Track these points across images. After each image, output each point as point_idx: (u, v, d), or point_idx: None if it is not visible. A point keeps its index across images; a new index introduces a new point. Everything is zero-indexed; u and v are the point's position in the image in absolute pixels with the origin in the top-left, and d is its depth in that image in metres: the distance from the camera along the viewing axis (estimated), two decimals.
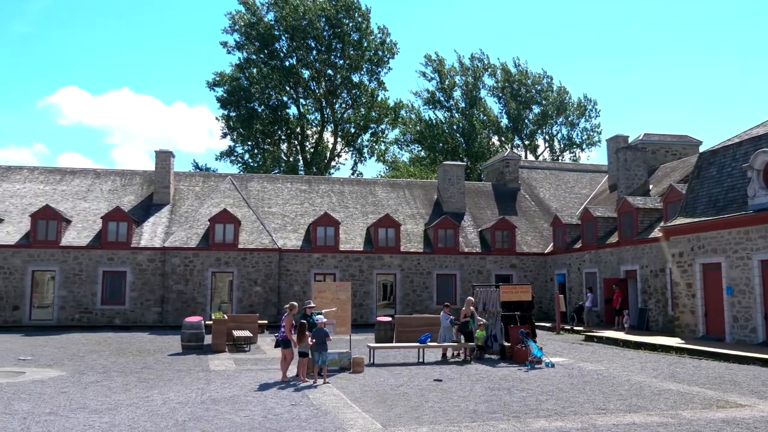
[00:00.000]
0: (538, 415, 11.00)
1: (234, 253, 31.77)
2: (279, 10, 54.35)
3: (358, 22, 55.61)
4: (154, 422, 10.35)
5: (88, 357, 19.17)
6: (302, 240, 33.56)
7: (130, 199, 34.74)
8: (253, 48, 54.83)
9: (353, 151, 59.48)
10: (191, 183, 37.07)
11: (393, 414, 11.12)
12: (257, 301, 31.67)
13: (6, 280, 30.29)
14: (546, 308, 34.71)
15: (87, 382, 14.39)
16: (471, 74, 63.78)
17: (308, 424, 10.29)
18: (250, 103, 54.84)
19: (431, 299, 33.87)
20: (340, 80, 56.42)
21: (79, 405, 11.74)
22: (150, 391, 13.22)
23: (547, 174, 43.79)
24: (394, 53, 57.90)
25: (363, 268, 33.56)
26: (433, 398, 12.60)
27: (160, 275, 31.57)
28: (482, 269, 34.72)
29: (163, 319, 31.08)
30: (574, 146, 65.53)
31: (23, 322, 30.12)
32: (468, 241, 35.41)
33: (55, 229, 30.88)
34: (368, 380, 14.91)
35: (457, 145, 61.05)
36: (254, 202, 35.61)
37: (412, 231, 35.45)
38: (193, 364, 17.64)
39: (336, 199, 37.36)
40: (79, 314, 30.69)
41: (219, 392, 13.17)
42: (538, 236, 36.85)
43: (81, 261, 31.01)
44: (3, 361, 18.24)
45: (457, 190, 37.93)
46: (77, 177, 36.13)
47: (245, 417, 10.77)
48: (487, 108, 64.24)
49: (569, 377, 15.36)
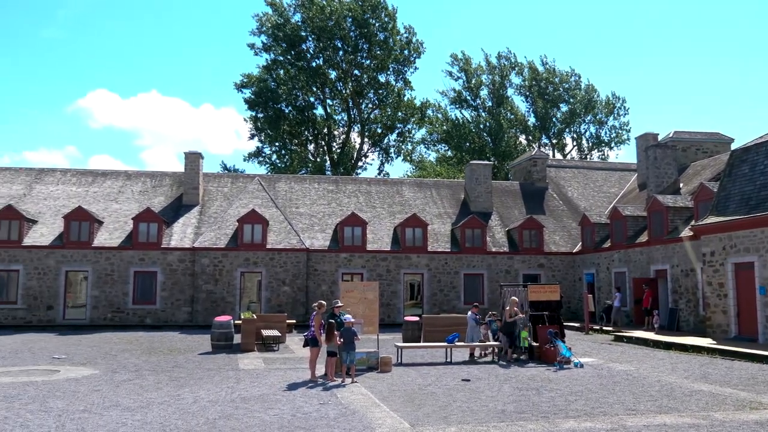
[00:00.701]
0: (567, 416, 10.92)
1: (262, 253, 32.06)
2: (306, 11, 54.66)
3: (384, 22, 55.68)
4: (186, 420, 10.50)
5: (120, 356, 19.51)
6: (330, 240, 33.73)
7: (160, 200, 35.27)
8: (280, 49, 55.23)
9: (380, 151, 59.58)
10: (220, 184, 37.50)
11: (421, 413, 11.13)
12: (285, 301, 31.92)
13: (40, 280, 30.97)
14: (574, 308, 34.39)
15: (119, 381, 14.63)
16: (498, 73, 63.42)
17: (337, 423, 10.36)
18: (278, 104, 55.25)
19: (458, 299, 33.78)
20: (367, 80, 56.53)
21: (112, 403, 11.95)
22: (181, 390, 13.41)
23: (575, 173, 43.38)
24: (420, 53, 57.84)
25: (390, 268, 33.61)
26: (461, 398, 12.58)
27: (190, 275, 31.99)
28: (510, 269, 34.53)
29: (193, 319, 31.49)
30: (602, 145, 64.77)
31: (57, 321, 30.76)
32: (495, 240, 35.24)
33: (87, 230, 31.49)
34: (396, 380, 14.94)
35: (483, 145, 60.75)
36: (282, 203, 35.89)
37: (439, 231, 35.39)
38: (223, 363, 17.84)
39: (363, 199, 37.47)
40: (112, 314, 31.25)
41: (248, 391, 13.31)
42: (566, 235, 36.52)
43: (113, 261, 31.57)
44: (38, 359, 18.66)
45: (484, 190, 37.77)
46: (109, 179, 36.79)
47: (274, 415, 10.88)
48: (514, 107, 63.82)
49: (598, 377, 15.22)
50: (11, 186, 34.96)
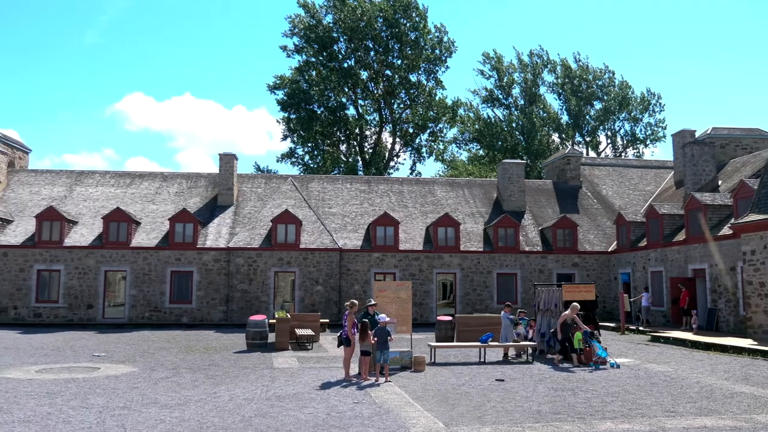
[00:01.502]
0: (604, 417, 10.78)
1: (296, 252, 32.32)
2: (337, 13, 54.92)
3: (415, 22, 55.62)
4: (222, 418, 10.62)
5: (158, 354, 19.84)
6: (362, 240, 33.84)
7: (195, 201, 35.80)
8: (312, 51, 55.57)
9: (412, 150, 59.53)
10: (254, 184, 37.90)
11: (455, 413, 11.10)
12: (318, 300, 32.12)
13: (81, 279, 31.70)
14: (610, 308, 33.92)
15: (157, 378, 14.88)
16: (530, 71, 62.88)
17: (371, 422, 10.38)
18: (310, 105, 55.61)
19: (491, 299, 33.59)
20: (398, 80, 56.54)
21: (151, 400, 12.15)
22: (217, 388, 13.59)
23: (610, 171, 42.77)
24: (451, 52, 57.65)
25: (423, 268, 33.57)
26: (495, 398, 12.51)
27: (225, 275, 32.41)
28: (543, 268, 34.21)
29: (228, 318, 31.89)
30: (637, 142, 63.73)
31: (97, 320, 31.46)
32: (528, 239, 34.94)
33: (125, 230, 32.14)
34: (429, 379, 14.92)
35: (516, 143, 60.28)
36: (315, 203, 36.12)
37: (472, 230, 35.23)
38: (258, 362, 18.03)
39: (395, 198, 37.49)
40: (149, 313, 31.83)
41: (283, 389, 13.42)
42: (601, 234, 36.02)
43: (150, 261, 32.15)
44: (79, 357, 19.09)
45: (517, 189, 37.48)
46: (146, 180, 37.49)
47: (309, 414, 10.94)
48: (547, 105, 63.21)
49: (635, 378, 14.99)
50: (52, 188, 35.88)
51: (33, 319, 31.10)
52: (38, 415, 10.74)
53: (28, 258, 31.54)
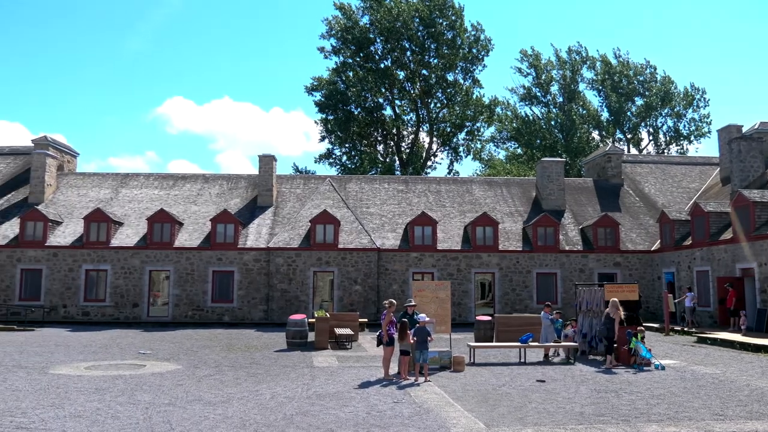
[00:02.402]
0: (650, 420, 10.58)
1: (334, 252, 32.51)
2: (374, 14, 55.06)
3: (451, 21, 55.39)
4: (264, 415, 10.76)
5: (201, 352, 20.20)
6: (400, 239, 33.86)
7: (236, 201, 36.32)
8: (349, 52, 55.83)
9: (449, 150, 59.30)
10: (292, 185, 38.26)
11: (496, 414, 11.04)
12: (357, 300, 32.26)
13: (126, 279, 32.47)
14: (653, 308, 33.23)
15: (201, 376, 15.14)
16: (569, 68, 62.02)
17: (411, 421, 10.39)
18: (347, 106, 55.88)
19: (531, 298, 33.25)
20: (435, 80, 56.38)
21: (195, 397, 12.37)
22: (259, 386, 13.76)
23: (653, 168, 41.89)
24: (488, 50, 57.24)
25: (461, 267, 33.43)
26: (536, 399, 12.40)
27: (265, 275, 32.79)
28: (584, 268, 33.71)
29: (268, 317, 32.26)
30: (681, 138, 62.24)
31: (142, 318, 32.17)
32: (569, 239, 34.48)
33: (169, 231, 32.80)
34: (469, 379, 14.86)
35: (555, 141, 59.51)
36: (353, 203, 36.28)
37: (511, 229, 34.93)
38: (298, 361, 18.20)
39: (433, 198, 37.42)
40: (192, 311, 32.42)
41: (323, 388, 13.52)
42: (644, 233, 35.32)
43: (193, 261, 32.74)
44: (125, 354, 19.56)
45: (556, 187, 37.01)
46: (188, 182, 38.19)
47: (349, 413, 11.01)
48: (587, 102, 62.25)
49: (681, 380, 14.67)
50: (99, 190, 36.85)
51: (81, 318, 31.99)
52: (88, 410, 11.04)
53: (76, 258, 32.45)
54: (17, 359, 18.00)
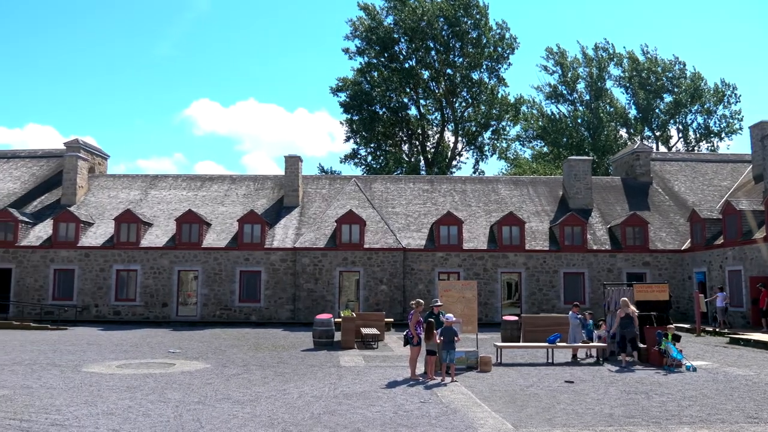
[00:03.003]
0: (681, 422, 10.43)
1: (360, 252, 32.59)
2: (398, 14, 55.06)
3: (476, 20, 55.14)
4: (292, 414, 10.84)
5: (229, 351, 20.41)
6: (426, 239, 33.82)
7: (262, 202, 36.61)
8: (374, 52, 55.91)
9: (474, 149, 59.05)
10: (318, 186, 38.44)
11: (524, 414, 10.98)
12: (383, 300, 32.30)
13: (156, 279, 32.93)
14: (684, 308, 32.72)
15: (229, 375, 15.30)
16: (595, 65, 61.35)
17: (438, 421, 10.39)
18: (372, 107, 55.98)
19: (558, 298, 32.98)
20: (460, 79, 56.19)
21: (224, 396, 12.51)
22: (286, 385, 13.87)
23: (682, 166, 41.21)
24: (513, 48, 56.88)
25: (487, 267, 33.27)
26: (564, 400, 12.30)
27: (292, 274, 32.99)
28: (612, 267, 33.32)
29: (295, 317, 32.46)
30: (711, 135, 61.14)
31: (171, 317, 32.59)
32: (596, 238, 34.12)
33: (197, 232, 33.19)
34: (496, 380, 14.80)
35: (582, 139, 58.90)
36: (378, 203, 36.34)
37: (537, 228, 34.68)
38: (325, 360, 18.29)
39: (458, 197, 37.30)
40: (220, 311, 32.76)
41: (350, 387, 13.57)
42: (674, 232, 34.80)
43: (220, 261, 33.08)
44: (155, 353, 19.85)
45: (583, 186, 36.65)
46: (215, 183, 38.61)
47: (376, 412, 11.04)
48: (614, 99, 61.51)
49: (714, 382, 14.43)
50: (129, 191, 37.43)
51: (112, 317, 32.53)
52: (120, 408, 11.24)
53: (107, 258, 33.00)
54: (51, 357, 18.38)
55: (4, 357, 18.45)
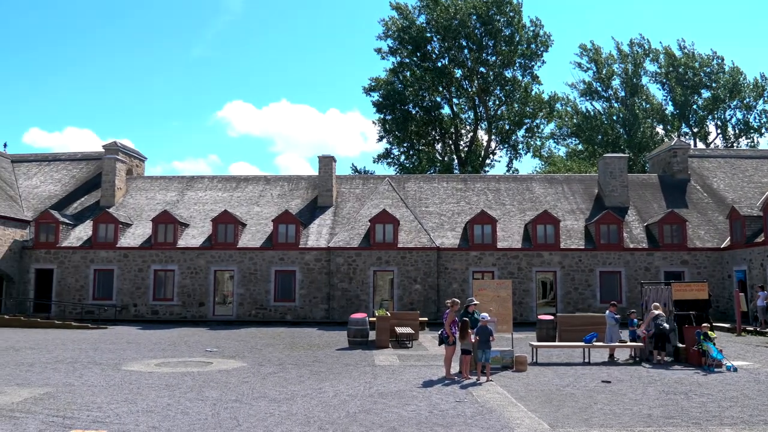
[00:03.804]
0: (722, 423, 10.24)
1: (394, 252, 32.64)
2: (430, 13, 54.97)
3: (509, 17, 54.73)
4: (328, 413, 10.93)
5: (265, 350, 20.64)
6: (459, 238, 33.71)
7: (297, 202, 36.92)
8: (406, 51, 55.90)
9: (508, 147, 58.63)
10: (352, 185, 38.60)
11: (560, 414, 10.89)
12: (417, 299, 32.30)
13: (192, 279, 33.46)
14: (724, 308, 32.01)
15: (265, 373, 15.48)
16: (630, 61, 60.36)
17: (474, 421, 10.37)
18: (405, 106, 55.98)
19: (594, 297, 32.56)
20: (493, 77, 55.84)
21: (260, 394, 12.67)
22: (322, 383, 13.98)
23: (721, 162, 40.32)
24: (548, 46, 56.28)
25: (521, 266, 33.03)
26: (602, 400, 12.17)
27: (326, 274, 33.21)
28: (649, 266, 32.77)
29: (329, 316, 32.66)
30: (751, 131, 59.66)
31: (208, 317, 33.10)
32: (633, 236, 33.59)
33: (232, 232, 33.63)
34: (532, 379, 14.70)
35: (617, 137, 58.04)
36: (411, 202, 36.34)
37: (572, 227, 34.30)
38: (360, 359, 18.37)
39: (492, 196, 37.09)
40: (255, 310, 33.13)
41: (385, 386, 13.62)
42: (713, 230, 34.06)
43: (256, 261, 33.46)
44: (193, 352, 20.17)
45: (619, 184, 36.10)
46: (250, 184, 39.06)
47: (412, 411, 11.06)
48: (650, 95, 60.47)
49: (755, 383, 14.10)
50: (166, 193, 38.11)
51: (151, 316, 33.15)
52: (159, 405, 11.46)
53: (146, 259, 33.65)
54: (92, 356, 18.82)
55: (47, 355, 18.96)
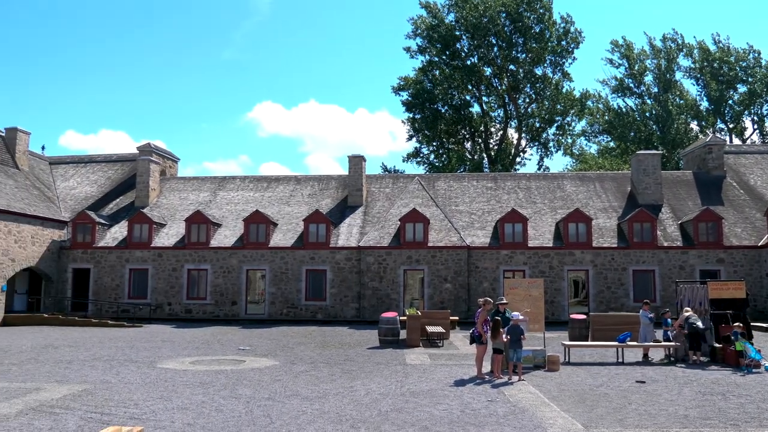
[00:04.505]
0: (761, 425, 10.03)
1: (424, 251, 32.62)
2: (460, 11, 54.77)
3: (540, 14, 54.25)
4: (360, 411, 10.98)
5: (296, 348, 20.81)
6: (490, 237, 33.55)
7: (327, 202, 37.13)
8: (436, 50, 55.79)
9: (538, 145, 58.11)
10: (381, 185, 38.67)
11: (594, 415, 10.79)
12: (447, 298, 32.23)
13: (225, 278, 33.88)
14: (762, 306, 31.31)
15: (297, 372, 15.60)
16: (663, 56, 59.35)
17: (506, 420, 10.33)
18: (434, 105, 55.88)
19: (627, 296, 32.12)
20: (523, 75, 55.41)
21: (292, 392, 12.78)
22: (353, 382, 14.05)
23: (758, 158, 39.41)
24: (578, 42, 55.66)
25: (553, 265, 32.73)
26: (636, 400, 12.01)
27: (356, 273, 33.33)
28: (684, 265, 32.20)
29: (360, 315, 32.77)
30: None
31: (240, 315, 33.48)
32: (667, 234, 33.04)
33: (264, 231, 33.96)
34: (565, 379, 14.58)
35: (650, 133, 57.13)
36: (441, 201, 36.27)
37: (605, 225, 33.87)
38: (391, 358, 18.41)
39: (523, 195, 36.83)
40: (286, 309, 33.42)
41: (416, 385, 13.62)
42: (750, 227, 33.32)
43: (287, 260, 33.73)
44: (226, 350, 20.43)
45: (652, 181, 35.54)
46: (281, 184, 39.40)
47: (443, 410, 11.05)
48: (684, 91, 59.37)
49: None
50: (199, 193, 38.65)
51: (184, 315, 33.66)
52: (194, 403, 11.65)
53: (179, 258, 34.17)
54: (128, 354, 19.19)
55: (84, 353, 19.39)
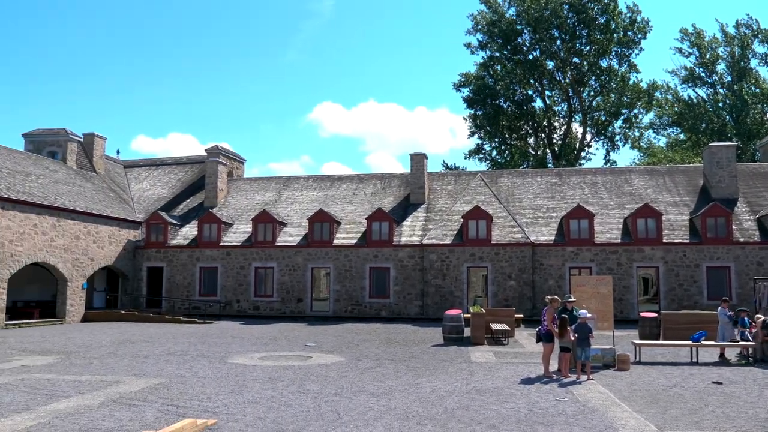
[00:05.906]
0: None
1: (487, 248, 32.34)
2: (520, 5, 54.00)
3: (604, 5, 52.85)
4: (426, 408, 11.00)
5: (361, 345, 21.01)
6: (555, 234, 32.96)
7: (389, 200, 37.30)
8: (496, 45, 55.23)
9: (604, 139, 56.68)
10: (443, 182, 38.55)
11: (668, 416, 10.47)
12: (512, 296, 31.86)
13: (291, 276, 34.52)
14: None
15: (363, 368, 15.75)
16: (737, 44, 56.72)
17: (576, 420, 10.15)
18: (496, 100, 55.31)
19: (701, 294, 30.96)
20: (587, 67, 54.16)
21: (359, 388, 12.91)
22: (418, 379, 14.08)
23: None
24: (645, 32, 53.94)
25: (621, 261, 31.87)
26: (713, 402, 11.59)
27: (420, 270, 33.36)
28: (763, 261, 30.77)
29: (423, 312, 32.80)
30: None
31: (306, 312, 34.05)
32: (743, 229, 31.66)
33: (328, 230, 34.41)
34: (635, 379, 14.20)
35: (723, 124, 54.78)
36: (504, 198, 35.86)
37: (675, 220, 32.74)
38: (455, 355, 18.36)
39: (588, 190, 36.00)
40: (351, 306, 33.77)
41: (482, 383, 13.55)
42: None
43: (351, 258, 34.08)
44: (293, 346, 20.82)
45: (727, 174, 34.11)
46: (344, 183, 39.83)
47: (510, 409, 10.96)
48: (760, 79, 56.57)
49: None
50: (264, 193, 39.53)
51: (252, 312, 34.49)
52: (263, 397, 11.93)
53: (247, 257, 35.03)
54: (200, 349, 19.82)
55: (159, 348, 20.14)
